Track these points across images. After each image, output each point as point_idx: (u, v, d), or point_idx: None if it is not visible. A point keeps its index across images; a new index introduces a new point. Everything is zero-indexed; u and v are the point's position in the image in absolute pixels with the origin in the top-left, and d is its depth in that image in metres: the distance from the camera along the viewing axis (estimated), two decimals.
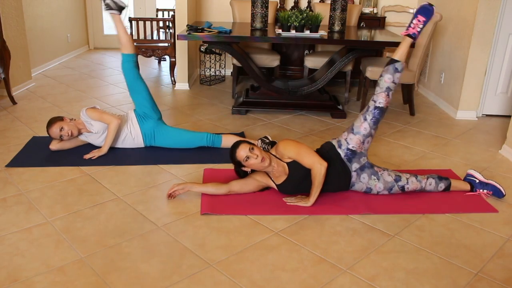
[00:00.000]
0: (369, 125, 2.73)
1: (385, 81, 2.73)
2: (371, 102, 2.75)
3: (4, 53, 4.45)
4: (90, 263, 2.14)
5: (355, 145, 2.73)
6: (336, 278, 2.09)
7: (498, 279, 2.12)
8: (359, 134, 2.73)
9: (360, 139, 2.73)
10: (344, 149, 2.74)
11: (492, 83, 4.52)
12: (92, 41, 8.07)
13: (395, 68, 2.73)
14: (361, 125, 2.74)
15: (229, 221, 2.53)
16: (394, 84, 2.74)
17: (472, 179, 2.95)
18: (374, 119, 2.73)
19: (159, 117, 3.52)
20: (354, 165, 2.74)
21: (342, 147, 2.75)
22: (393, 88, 2.74)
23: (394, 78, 2.73)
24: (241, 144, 2.70)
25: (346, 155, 2.74)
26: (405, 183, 2.78)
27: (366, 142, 2.75)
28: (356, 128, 2.75)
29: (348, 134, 2.77)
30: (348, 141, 2.74)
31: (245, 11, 5.32)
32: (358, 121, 2.76)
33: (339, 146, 2.77)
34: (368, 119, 2.73)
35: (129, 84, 3.44)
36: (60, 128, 3.28)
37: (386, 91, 2.72)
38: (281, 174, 2.75)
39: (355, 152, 2.73)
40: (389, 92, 2.73)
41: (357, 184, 2.78)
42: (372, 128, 2.74)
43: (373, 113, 2.73)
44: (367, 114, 2.74)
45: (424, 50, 4.39)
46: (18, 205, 2.66)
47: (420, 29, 2.76)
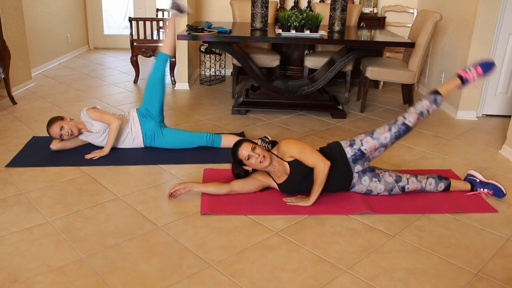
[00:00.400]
0: (390, 136, 2.73)
1: (422, 106, 2.76)
2: (400, 117, 2.76)
3: (4, 53, 4.45)
4: (90, 263, 2.14)
5: (368, 148, 2.72)
6: (336, 278, 2.09)
7: (498, 279, 2.12)
8: (378, 140, 2.72)
9: (376, 146, 2.72)
10: (355, 149, 2.73)
11: (492, 83, 4.52)
12: (92, 41, 8.07)
13: (435, 99, 2.77)
14: (383, 133, 2.73)
15: (229, 221, 2.53)
16: (427, 113, 2.78)
17: (472, 179, 2.95)
18: (397, 133, 2.74)
19: (162, 120, 3.53)
20: (357, 167, 2.74)
21: (354, 146, 2.74)
22: (426, 115, 2.78)
23: (430, 108, 2.77)
24: (243, 143, 2.70)
25: (354, 155, 2.73)
26: (405, 183, 2.78)
27: (378, 151, 2.75)
28: (377, 134, 2.74)
29: (365, 136, 2.75)
30: (363, 142, 2.73)
31: (245, 11, 5.32)
32: (382, 128, 2.76)
33: (350, 144, 2.75)
34: (392, 130, 2.74)
35: (153, 81, 3.48)
36: (60, 127, 3.28)
37: (419, 114, 2.75)
38: (282, 173, 2.76)
39: (363, 155, 2.72)
40: (421, 116, 2.76)
41: (358, 186, 2.78)
42: (391, 140, 2.75)
43: (399, 127, 2.74)
44: (393, 126, 2.74)
45: (424, 50, 4.39)
46: (18, 205, 2.66)
47: (474, 80, 2.82)
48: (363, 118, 4.50)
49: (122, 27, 8.22)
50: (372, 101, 5.15)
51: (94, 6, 7.92)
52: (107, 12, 8.11)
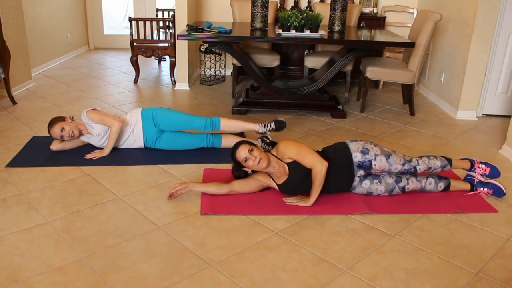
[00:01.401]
0: (399, 170, 2.75)
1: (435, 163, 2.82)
2: (415, 160, 2.79)
3: (4, 53, 4.45)
4: (90, 263, 2.14)
5: (378, 166, 2.71)
6: (336, 278, 2.09)
7: (498, 279, 2.12)
8: (389, 166, 2.72)
9: (385, 169, 2.73)
10: (366, 158, 2.70)
11: (492, 83, 4.52)
12: (92, 41, 8.07)
13: (445, 165, 2.85)
14: (397, 164, 2.73)
15: (229, 221, 2.53)
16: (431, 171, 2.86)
17: (472, 179, 2.95)
18: (405, 171, 2.77)
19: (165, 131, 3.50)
20: (360, 172, 2.74)
21: (366, 155, 2.71)
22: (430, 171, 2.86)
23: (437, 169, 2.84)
24: (241, 145, 2.71)
25: (363, 162, 2.70)
26: (405, 183, 2.78)
27: (383, 172, 2.76)
28: (392, 161, 2.73)
29: (381, 155, 2.72)
30: (376, 159, 2.71)
31: (245, 11, 5.32)
32: (398, 158, 2.75)
33: (363, 152, 2.72)
34: (404, 166, 2.75)
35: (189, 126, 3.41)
36: (61, 128, 3.27)
37: (428, 168, 2.81)
38: (282, 174, 2.76)
39: (370, 168, 2.71)
40: (428, 170, 2.82)
41: (358, 188, 2.77)
42: (397, 172, 2.77)
43: (409, 167, 2.76)
44: (407, 163, 2.75)
45: (424, 50, 4.39)
46: (18, 205, 2.66)
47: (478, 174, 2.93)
48: (363, 118, 4.50)
49: (122, 27, 8.22)
50: (372, 101, 5.15)
51: (94, 6, 7.91)
52: (107, 12, 8.11)
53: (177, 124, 3.39)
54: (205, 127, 3.39)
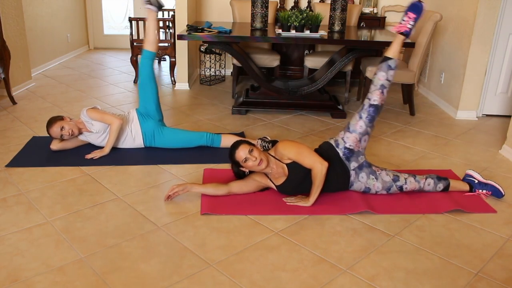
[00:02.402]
0: (364, 123, 2.73)
1: (379, 79, 2.74)
2: (366, 100, 2.77)
3: (4, 53, 4.45)
4: (90, 263, 2.14)
5: (352, 143, 2.73)
6: (336, 278, 2.09)
7: (498, 279, 2.12)
8: (355, 132, 2.73)
9: (357, 137, 2.73)
10: (341, 148, 2.75)
11: (492, 83, 4.52)
12: (92, 41, 8.07)
13: (388, 65, 2.74)
14: (356, 123, 2.74)
15: (229, 221, 2.53)
16: (389, 82, 2.75)
17: (471, 180, 2.95)
18: (369, 117, 2.74)
19: (160, 118, 3.53)
20: (352, 163, 2.74)
21: (339, 146, 2.76)
22: (388, 85, 2.75)
23: (388, 75, 2.74)
24: (241, 145, 2.70)
25: (344, 154, 2.74)
26: (403, 183, 2.78)
27: (363, 140, 2.76)
28: (352, 126, 2.75)
29: (344, 133, 2.78)
30: (345, 140, 2.75)
31: (245, 11, 5.32)
32: (354, 119, 2.77)
33: (336, 145, 2.77)
34: (363, 117, 2.74)
35: (142, 80, 3.47)
36: (61, 127, 3.27)
37: (380, 88, 2.73)
38: (281, 175, 2.75)
39: (352, 151, 2.74)
40: (383, 89, 2.74)
41: (356, 183, 2.78)
42: (367, 126, 2.74)
43: (368, 111, 2.74)
44: (362, 112, 2.75)
45: (424, 50, 4.39)
46: (18, 205, 2.66)
47: (412, 26, 2.76)
48: None
49: (122, 27, 8.22)
50: None
51: (94, 6, 7.91)
52: (107, 12, 8.11)
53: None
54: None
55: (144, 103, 3.47)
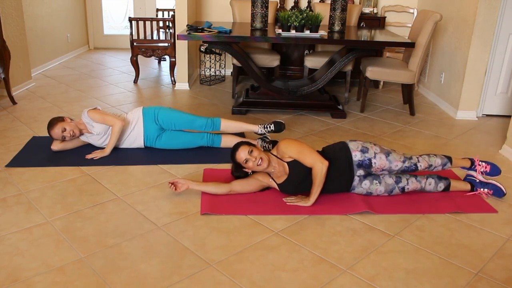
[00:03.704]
0: (399, 167, 2.74)
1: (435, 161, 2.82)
2: (415, 157, 2.79)
3: (4, 53, 4.45)
4: (90, 263, 2.14)
5: (378, 164, 2.71)
6: (336, 278, 2.09)
7: (498, 279, 2.12)
8: (389, 163, 2.72)
9: (385, 167, 2.72)
10: (365, 157, 2.70)
11: (492, 83, 4.52)
12: (92, 41, 8.07)
13: (445, 163, 2.85)
14: (397, 161, 2.73)
15: (229, 221, 2.53)
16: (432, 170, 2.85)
17: (472, 179, 2.95)
18: (405, 168, 2.76)
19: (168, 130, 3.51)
20: (359, 171, 2.73)
21: (366, 153, 2.71)
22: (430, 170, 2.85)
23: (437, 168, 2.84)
24: (240, 146, 2.71)
25: (362, 161, 2.70)
26: (405, 184, 2.78)
27: (383, 171, 2.75)
28: (392, 158, 2.73)
29: (381, 153, 2.73)
30: (376, 157, 2.71)
31: (245, 11, 5.32)
32: (398, 156, 2.75)
33: (362, 151, 2.72)
34: (405, 164, 2.74)
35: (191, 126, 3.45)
36: (62, 129, 3.27)
37: (429, 166, 2.81)
38: (282, 174, 2.76)
39: (370, 166, 2.71)
40: (429, 168, 2.82)
41: (358, 188, 2.77)
42: (397, 171, 2.76)
43: (410, 165, 2.75)
44: (407, 160, 2.75)
45: (424, 50, 4.39)
46: (18, 205, 2.66)
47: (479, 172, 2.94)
48: (363, 118, 4.50)
49: (122, 27, 8.22)
50: (372, 101, 5.15)
51: (94, 6, 7.91)
52: (107, 12, 8.11)
53: (179, 122, 3.41)
54: (206, 127, 3.43)
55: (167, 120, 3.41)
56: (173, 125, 3.41)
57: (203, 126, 3.42)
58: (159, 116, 3.39)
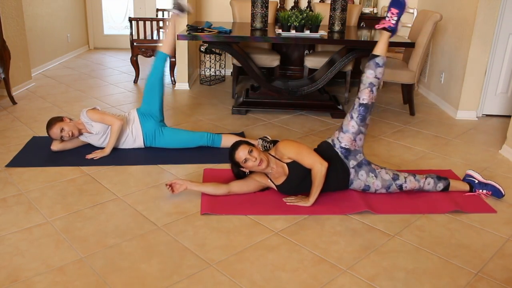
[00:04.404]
0: (356, 123, 2.74)
1: (367, 77, 2.74)
2: (356, 99, 2.77)
3: (4, 53, 4.45)
4: (90, 263, 2.14)
5: (347, 143, 2.75)
6: (336, 278, 2.09)
7: (498, 279, 2.12)
8: (348, 132, 2.75)
9: (351, 137, 2.74)
10: (338, 148, 2.77)
11: (492, 83, 4.52)
12: (92, 41, 8.07)
13: (375, 63, 2.74)
14: (348, 123, 2.76)
15: (229, 221, 2.53)
16: (377, 80, 2.75)
17: (471, 180, 2.95)
18: (360, 117, 2.74)
19: (162, 119, 3.53)
20: (351, 162, 2.75)
21: (336, 146, 2.78)
22: (376, 83, 2.75)
23: (376, 73, 2.74)
24: (240, 145, 2.70)
25: (341, 153, 2.76)
26: (403, 182, 2.78)
27: (357, 139, 2.77)
28: (345, 126, 2.77)
29: (339, 133, 2.80)
30: (340, 140, 2.77)
31: (245, 11, 5.32)
32: (346, 119, 2.79)
33: (333, 145, 2.80)
34: (354, 117, 2.75)
35: (151, 80, 3.49)
36: (60, 129, 3.27)
37: (369, 86, 2.73)
38: (281, 175, 2.76)
39: (349, 150, 2.75)
40: (372, 87, 2.73)
41: (356, 181, 2.78)
42: (359, 125, 2.75)
43: (358, 111, 2.74)
44: (353, 112, 2.76)
45: (424, 50, 4.39)
46: (18, 205, 2.66)
47: (396, 21, 2.74)
48: None
49: (122, 27, 8.22)
50: None
51: (94, 6, 7.91)
52: (107, 12, 8.11)
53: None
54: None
55: (149, 103, 3.47)
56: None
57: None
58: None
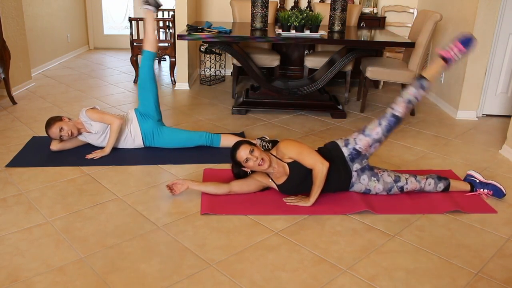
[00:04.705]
0: (381, 131, 2.72)
1: (409, 93, 2.73)
2: (389, 109, 2.75)
3: (4, 53, 4.45)
4: (90, 263, 2.14)
5: (362, 146, 2.72)
6: (336, 278, 2.09)
7: (498, 279, 2.12)
8: (370, 137, 2.72)
9: (369, 142, 2.72)
10: (350, 148, 2.73)
11: (492, 83, 4.52)
12: (92, 41, 8.07)
13: (421, 84, 2.74)
14: (374, 129, 2.73)
15: (229, 221, 2.53)
16: (416, 100, 2.74)
17: (472, 179, 2.95)
18: (388, 126, 2.72)
19: (160, 118, 3.53)
20: (355, 165, 2.74)
21: (349, 145, 2.74)
22: (414, 103, 2.75)
23: (418, 94, 2.73)
24: (242, 145, 2.70)
25: (350, 154, 2.73)
26: (404, 183, 2.78)
27: (373, 147, 2.75)
28: (369, 130, 2.74)
29: (358, 134, 2.76)
30: (356, 141, 2.74)
31: (245, 11, 5.32)
32: (372, 124, 2.75)
33: (345, 144, 2.76)
34: (382, 124, 2.73)
35: (142, 80, 3.47)
36: (59, 128, 3.27)
37: (407, 102, 2.72)
38: (282, 174, 2.76)
39: (359, 153, 2.73)
40: (409, 104, 2.73)
41: (357, 184, 2.78)
42: (383, 134, 2.73)
43: (388, 120, 2.73)
44: (382, 120, 2.73)
45: (424, 50, 4.39)
46: (18, 205, 2.66)
47: (457, 58, 2.74)
48: (363, 118, 4.50)
49: (122, 27, 8.22)
50: (372, 101, 5.15)
51: (94, 6, 7.91)
52: (107, 12, 8.11)
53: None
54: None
55: (144, 103, 3.47)
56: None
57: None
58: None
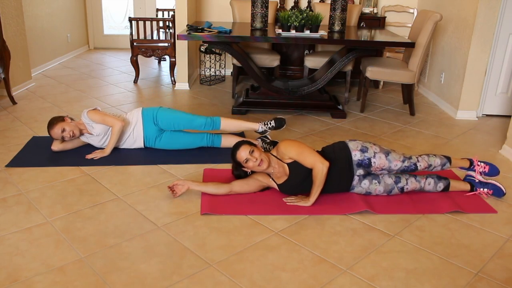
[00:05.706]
0: (399, 167, 2.73)
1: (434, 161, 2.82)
2: (415, 157, 2.79)
3: (4, 53, 4.45)
4: (90, 263, 2.14)
5: (377, 164, 2.71)
6: (336, 278, 2.09)
7: (498, 279, 2.12)
8: (389, 163, 2.72)
9: (385, 166, 2.72)
10: (365, 156, 2.70)
11: (492, 83, 4.52)
12: (92, 41, 8.07)
13: (445, 163, 2.85)
14: (396, 160, 2.73)
15: (229, 221, 2.53)
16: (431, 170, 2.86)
17: (472, 179, 2.95)
18: (405, 168, 2.75)
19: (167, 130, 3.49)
20: (359, 171, 2.73)
21: (365, 153, 2.71)
22: (430, 170, 2.85)
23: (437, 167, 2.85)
24: (242, 145, 2.71)
25: (362, 160, 2.70)
26: (404, 184, 2.78)
27: (382, 170, 2.75)
28: (392, 158, 2.73)
29: (380, 152, 2.73)
30: (376, 156, 2.71)
31: (245, 11, 5.32)
32: (397, 155, 2.75)
33: (362, 150, 2.72)
34: (404, 163, 2.74)
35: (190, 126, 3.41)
36: (62, 129, 3.27)
37: (428, 165, 2.80)
38: (282, 174, 2.76)
39: (370, 166, 2.71)
40: (428, 168, 2.82)
41: (357, 188, 2.77)
42: (397, 170, 2.75)
43: (410, 164, 2.75)
44: (406, 160, 2.75)
45: (424, 50, 4.39)
46: (18, 205, 2.66)
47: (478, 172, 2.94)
48: (363, 118, 4.50)
49: (122, 27, 8.22)
50: (372, 101, 5.15)
51: (94, 6, 7.91)
52: (107, 12, 8.11)
53: (178, 123, 3.39)
54: (206, 126, 3.41)
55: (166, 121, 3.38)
56: (173, 125, 3.40)
57: (203, 126, 3.40)
58: (158, 117, 3.38)
